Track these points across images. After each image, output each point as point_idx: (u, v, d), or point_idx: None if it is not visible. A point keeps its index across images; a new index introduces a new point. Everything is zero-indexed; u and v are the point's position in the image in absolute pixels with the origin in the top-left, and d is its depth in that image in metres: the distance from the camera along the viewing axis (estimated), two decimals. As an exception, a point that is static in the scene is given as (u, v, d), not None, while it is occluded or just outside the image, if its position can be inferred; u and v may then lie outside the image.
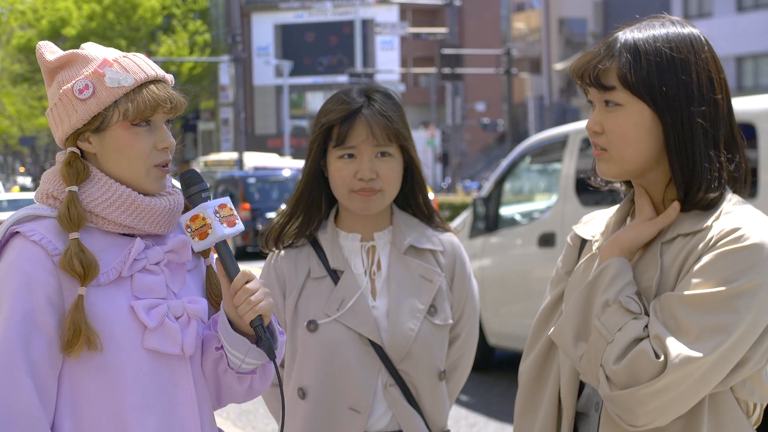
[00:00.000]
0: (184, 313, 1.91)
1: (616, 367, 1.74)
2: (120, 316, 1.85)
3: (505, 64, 32.74)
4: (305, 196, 2.46)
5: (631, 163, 1.85)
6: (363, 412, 2.34)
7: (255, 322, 1.87)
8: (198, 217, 1.88)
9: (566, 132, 7.37)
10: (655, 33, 1.85)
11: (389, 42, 47.73)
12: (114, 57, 1.91)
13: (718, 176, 1.83)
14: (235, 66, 34.53)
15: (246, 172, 23.55)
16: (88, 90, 1.86)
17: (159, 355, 1.87)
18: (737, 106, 5.49)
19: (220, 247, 1.90)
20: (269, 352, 1.88)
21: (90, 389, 1.84)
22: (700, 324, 1.72)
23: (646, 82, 1.81)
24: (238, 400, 2.04)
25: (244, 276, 1.89)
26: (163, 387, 1.88)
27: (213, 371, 1.98)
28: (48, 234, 1.84)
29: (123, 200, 1.88)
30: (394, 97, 2.45)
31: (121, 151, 1.88)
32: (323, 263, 2.43)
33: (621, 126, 1.83)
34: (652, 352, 1.72)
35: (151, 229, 1.91)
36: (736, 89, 33.62)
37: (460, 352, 2.52)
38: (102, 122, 1.87)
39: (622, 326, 1.76)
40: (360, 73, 34.19)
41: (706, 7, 36.32)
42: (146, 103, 1.87)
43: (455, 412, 6.95)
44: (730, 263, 1.74)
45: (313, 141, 2.42)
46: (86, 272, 1.81)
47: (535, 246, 7.31)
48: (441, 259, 2.47)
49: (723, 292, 1.72)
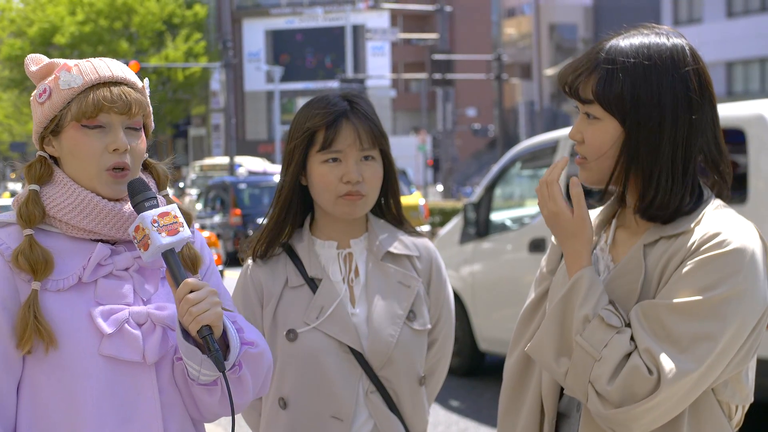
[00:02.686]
0: (148, 319, 1.88)
1: (610, 387, 1.74)
2: (78, 321, 1.83)
3: (496, 70, 32.79)
4: (288, 203, 2.43)
5: (607, 174, 1.87)
6: (345, 420, 2.33)
7: (203, 332, 1.81)
8: (139, 227, 1.84)
9: (557, 137, 7.38)
10: (636, 45, 1.84)
11: (380, 48, 47.75)
12: (77, 62, 1.92)
13: (685, 191, 1.83)
14: (226, 72, 34.51)
15: (237, 178, 23.52)
16: (45, 94, 1.90)
17: (118, 362, 1.85)
18: (727, 111, 5.54)
19: (167, 256, 1.85)
20: (217, 363, 1.82)
21: (49, 392, 1.83)
22: (689, 332, 1.72)
23: (618, 100, 1.82)
24: (217, 412, 1.96)
25: (186, 286, 1.83)
26: (122, 394, 1.85)
27: (183, 382, 1.93)
28: (8, 239, 1.85)
29: (85, 204, 1.87)
30: (370, 103, 2.45)
31: (73, 153, 1.89)
32: (300, 272, 2.40)
33: (598, 139, 1.86)
34: (645, 369, 1.72)
35: (117, 235, 1.90)
36: (726, 94, 33.76)
37: (437, 356, 2.52)
38: (57, 124, 1.90)
39: (607, 342, 1.76)
40: (351, 78, 34.20)
41: (696, 12, 36.46)
42: (89, 104, 1.87)
43: (446, 417, 6.95)
44: (714, 269, 1.74)
45: (296, 146, 2.38)
46: (34, 268, 1.81)
47: (526, 251, 7.32)
48: (417, 265, 2.47)
49: (708, 299, 1.73)
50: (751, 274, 1.75)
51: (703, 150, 1.86)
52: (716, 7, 35.53)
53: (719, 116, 1.90)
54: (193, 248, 1.99)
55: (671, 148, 1.81)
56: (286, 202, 2.43)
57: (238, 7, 49.15)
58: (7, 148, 53.43)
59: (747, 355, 1.80)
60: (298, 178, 2.41)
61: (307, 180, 2.40)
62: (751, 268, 1.75)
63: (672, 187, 1.82)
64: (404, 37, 38.30)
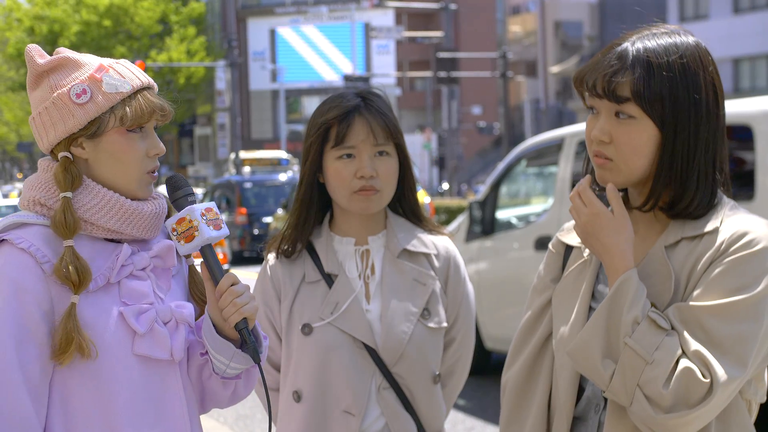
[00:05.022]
0: (172, 317, 1.90)
1: (665, 390, 1.71)
2: (110, 323, 1.84)
3: (501, 68, 32.78)
4: (308, 200, 2.45)
5: (637, 174, 1.85)
6: (357, 415, 2.34)
7: (240, 325, 1.87)
8: (184, 220, 1.88)
9: (562, 135, 7.36)
10: (665, 45, 1.83)
11: (385, 46, 47.72)
12: (109, 63, 1.91)
13: (711, 190, 1.83)
14: (231, 71, 34.52)
15: (242, 177, 23.54)
16: (86, 95, 1.86)
17: (149, 361, 1.87)
18: (734, 108, 5.53)
19: (205, 250, 1.90)
20: (254, 356, 1.88)
21: (81, 396, 1.83)
22: (730, 334, 1.71)
23: (658, 99, 1.79)
24: (221, 405, 2.04)
25: (229, 278, 1.88)
26: (153, 393, 1.87)
27: (198, 377, 1.98)
28: (36, 241, 1.83)
29: (111, 205, 1.88)
30: (386, 99, 2.45)
31: (116, 157, 1.88)
32: (318, 267, 2.43)
33: (634, 139, 1.82)
34: (699, 373, 1.70)
35: (138, 234, 1.91)
36: (733, 91, 33.70)
37: (456, 356, 2.52)
38: (98, 128, 1.87)
39: (658, 345, 1.73)
40: (356, 77, 34.18)
41: (703, 8, 36.36)
42: (143, 110, 1.88)
43: (452, 415, 6.94)
44: (746, 270, 1.74)
45: (311, 143, 2.41)
46: (81, 279, 1.80)
47: (532, 249, 7.31)
48: (435, 263, 2.47)
49: (745, 299, 1.72)
50: None
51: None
52: (723, 3, 35.44)
53: (726, 112, 1.89)
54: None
55: (707, 146, 1.81)
56: (305, 198, 2.45)
57: (242, 6, 49.15)
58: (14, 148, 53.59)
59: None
60: (315, 174, 2.43)
61: (323, 177, 2.42)
62: None
63: (706, 184, 1.82)
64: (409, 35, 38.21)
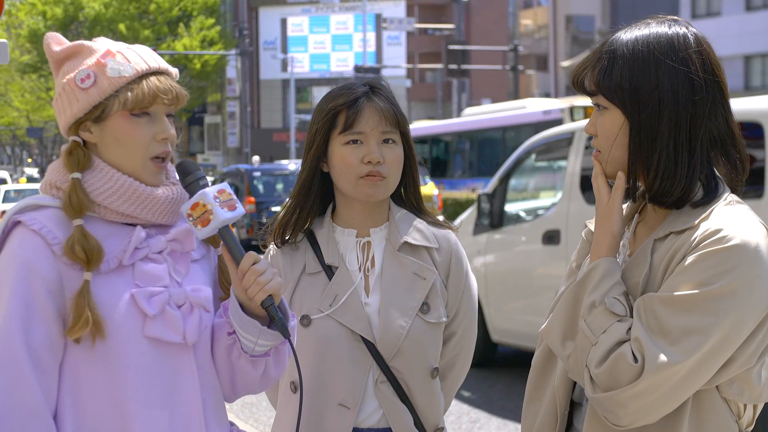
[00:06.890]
0: (187, 301, 1.92)
1: (597, 370, 1.78)
2: (121, 304, 1.85)
3: (512, 61, 32.72)
4: (307, 187, 2.44)
5: (618, 163, 1.89)
6: (352, 408, 2.33)
7: (266, 302, 1.88)
8: (198, 204, 1.89)
9: (572, 129, 7.36)
10: (638, 34, 1.87)
11: (396, 37, 47.66)
12: (118, 48, 1.93)
13: (689, 177, 1.83)
14: (242, 60, 34.52)
15: (251, 166, 23.56)
16: (90, 79, 1.89)
17: (160, 344, 1.88)
18: (745, 105, 5.51)
19: (223, 232, 1.91)
20: (283, 331, 1.90)
21: (91, 377, 1.84)
22: (680, 325, 1.74)
23: (617, 87, 1.85)
24: (253, 388, 2.04)
25: (250, 257, 1.90)
26: (164, 376, 1.88)
27: (226, 358, 1.98)
28: (48, 223, 1.85)
29: (125, 189, 1.89)
30: (392, 90, 2.46)
31: (120, 141, 1.90)
32: (318, 258, 2.42)
33: (608, 129, 1.88)
34: (631, 356, 1.75)
35: (153, 219, 1.92)
36: (744, 89, 33.55)
37: (456, 350, 2.51)
38: (102, 112, 1.89)
39: (606, 328, 1.80)
40: (366, 68, 34.17)
41: (715, 6, 36.20)
42: (145, 94, 1.89)
43: (457, 408, 6.95)
44: (710, 265, 1.74)
45: (317, 129, 2.39)
46: (89, 257, 1.82)
47: (540, 243, 7.31)
48: (436, 257, 2.46)
49: (702, 293, 1.73)
50: (751, 271, 1.74)
51: (712, 132, 1.85)
52: (735, 0, 35.28)
53: (736, 110, 1.90)
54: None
55: (674, 129, 1.82)
56: (305, 185, 2.43)
57: (254, -5, 49.15)
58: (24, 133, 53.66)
59: (755, 353, 1.79)
60: (319, 163, 2.42)
61: (328, 165, 2.41)
62: (752, 265, 1.74)
63: (676, 169, 1.83)
64: (420, 27, 38.21)
